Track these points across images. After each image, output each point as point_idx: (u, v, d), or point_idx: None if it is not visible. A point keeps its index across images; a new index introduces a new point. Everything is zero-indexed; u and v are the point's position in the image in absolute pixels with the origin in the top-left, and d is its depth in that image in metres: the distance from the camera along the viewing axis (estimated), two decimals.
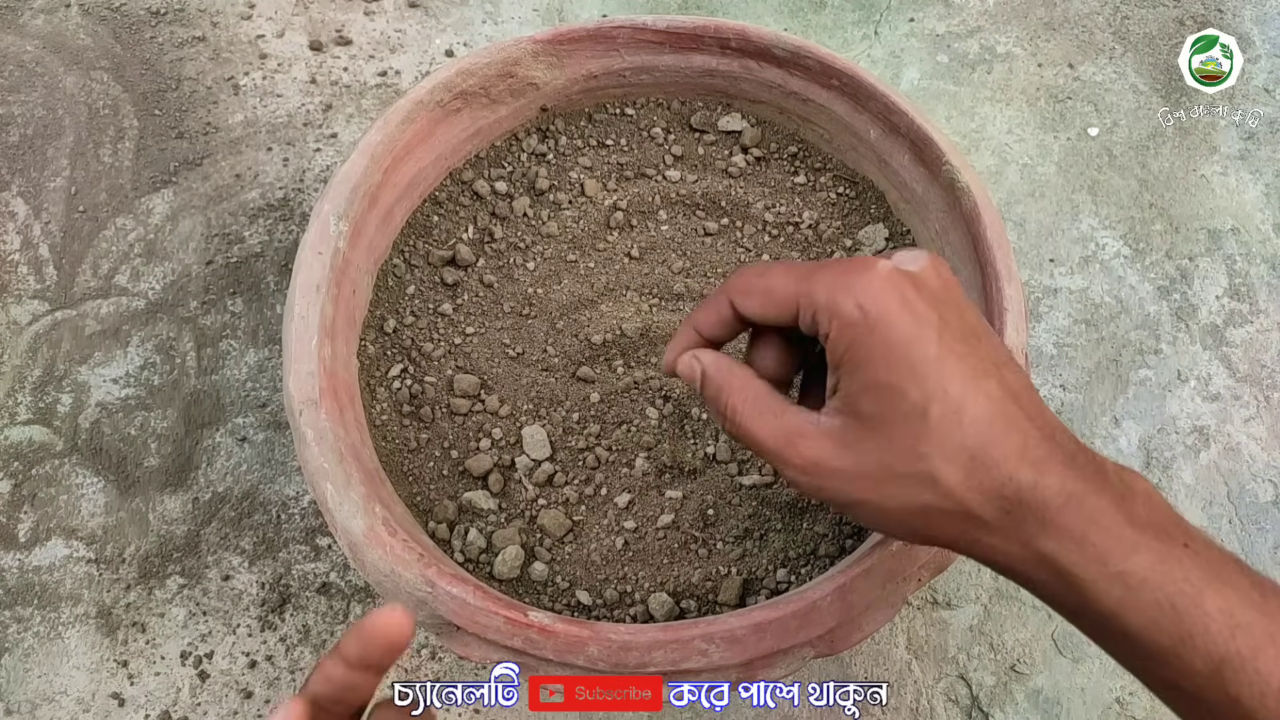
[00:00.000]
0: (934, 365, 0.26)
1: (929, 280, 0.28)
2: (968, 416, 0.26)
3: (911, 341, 0.26)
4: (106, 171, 0.63)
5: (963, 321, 0.28)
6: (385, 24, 0.71)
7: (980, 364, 0.27)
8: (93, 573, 0.51)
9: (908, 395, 0.26)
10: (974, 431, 0.26)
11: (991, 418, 0.26)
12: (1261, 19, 0.76)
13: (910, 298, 0.27)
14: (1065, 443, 0.27)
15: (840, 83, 0.50)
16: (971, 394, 0.26)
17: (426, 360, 0.48)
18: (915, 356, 0.26)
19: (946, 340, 0.27)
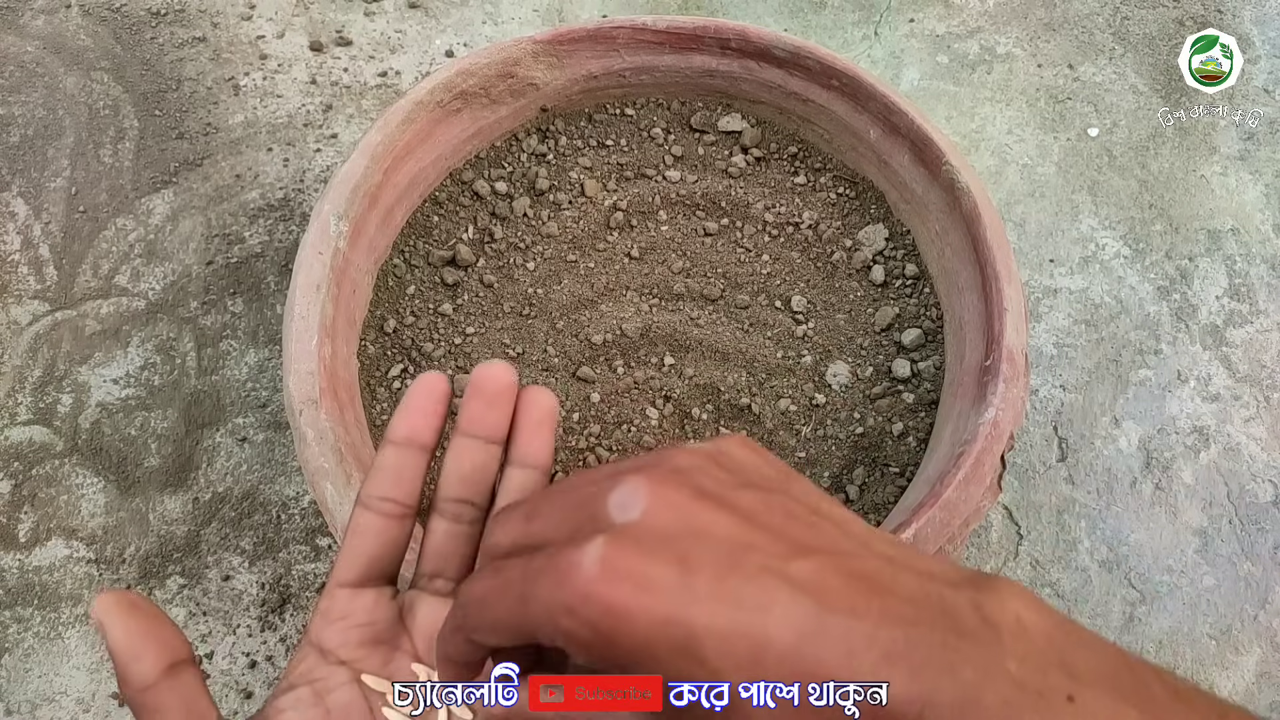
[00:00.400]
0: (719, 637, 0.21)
1: (657, 519, 0.22)
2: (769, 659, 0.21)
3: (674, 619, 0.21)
4: (107, 172, 0.63)
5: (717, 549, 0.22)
6: (385, 24, 0.71)
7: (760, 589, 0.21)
8: (93, 573, 0.51)
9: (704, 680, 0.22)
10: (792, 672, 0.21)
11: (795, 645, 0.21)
12: (1261, 19, 0.76)
13: (642, 570, 0.21)
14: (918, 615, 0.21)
15: (840, 83, 0.50)
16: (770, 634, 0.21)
17: (426, 360, 0.48)
18: (683, 636, 0.21)
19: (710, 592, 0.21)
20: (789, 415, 0.48)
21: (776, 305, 0.51)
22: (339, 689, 0.25)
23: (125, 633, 0.23)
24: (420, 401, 0.26)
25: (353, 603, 0.26)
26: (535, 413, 0.27)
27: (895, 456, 0.46)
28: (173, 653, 0.24)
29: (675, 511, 0.22)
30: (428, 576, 0.27)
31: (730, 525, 0.22)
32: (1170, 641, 0.53)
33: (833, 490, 0.45)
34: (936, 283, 0.50)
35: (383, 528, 0.26)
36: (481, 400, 0.26)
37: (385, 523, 0.26)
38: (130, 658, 0.23)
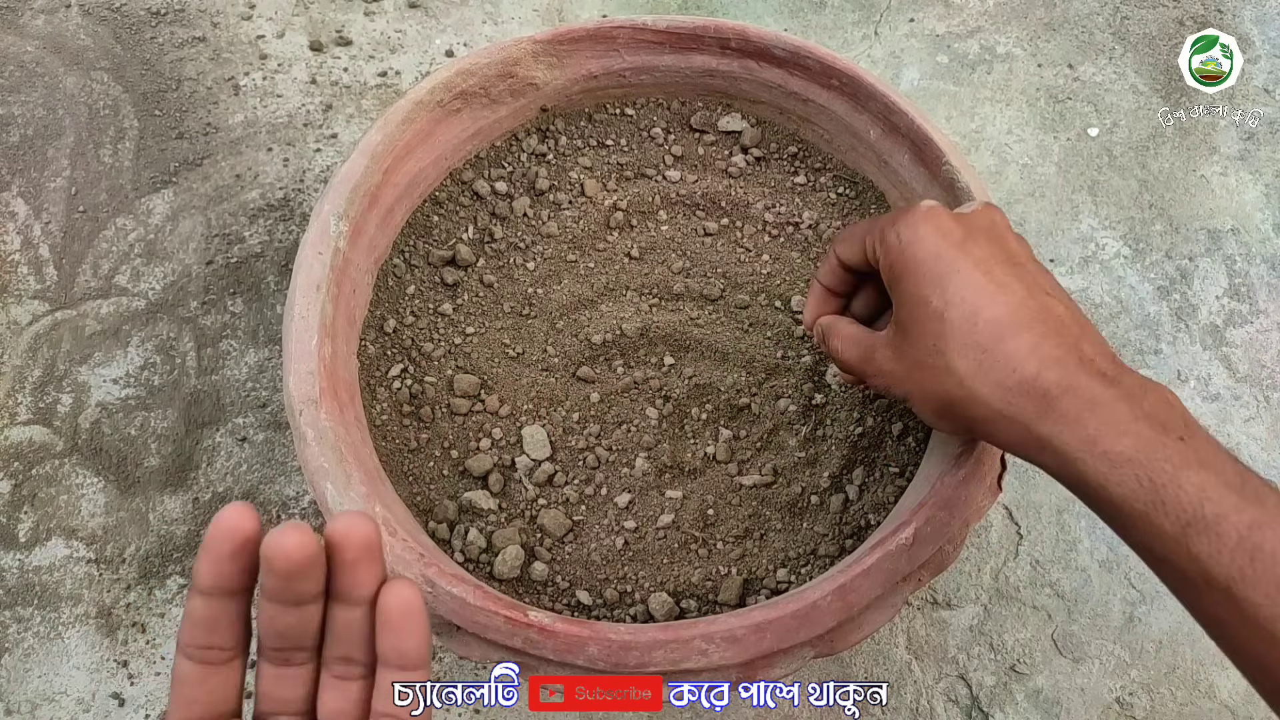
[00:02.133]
0: (954, 277, 0.31)
1: (975, 218, 0.34)
2: (983, 318, 0.31)
3: (936, 258, 0.32)
4: (107, 171, 0.63)
5: (1001, 249, 0.33)
6: (385, 24, 0.71)
7: (1009, 281, 0.31)
8: (93, 573, 0.51)
9: (930, 302, 0.32)
10: (987, 331, 0.30)
11: (1006, 321, 0.30)
12: (1261, 19, 0.76)
13: (944, 227, 0.33)
14: (1089, 353, 0.30)
15: (840, 83, 0.50)
16: (988, 301, 0.31)
17: (426, 360, 0.48)
18: (939, 270, 0.32)
19: (972, 258, 0.32)
20: (788, 415, 0.48)
21: (776, 305, 0.51)
22: None
23: None
24: (222, 547, 0.23)
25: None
26: (348, 553, 0.24)
27: (895, 456, 0.46)
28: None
29: (994, 223, 0.34)
30: (268, 716, 0.25)
31: (1022, 250, 0.34)
32: (1170, 641, 0.53)
33: (832, 490, 0.45)
34: None
35: (206, 675, 0.24)
36: (279, 578, 0.23)
37: (208, 670, 0.24)
38: None
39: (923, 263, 0.33)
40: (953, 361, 0.31)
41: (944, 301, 0.32)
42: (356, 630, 0.24)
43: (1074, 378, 0.29)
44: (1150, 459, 0.28)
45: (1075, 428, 0.29)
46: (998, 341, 0.30)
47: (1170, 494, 0.27)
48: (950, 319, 0.31)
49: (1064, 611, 0.53)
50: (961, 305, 0.31)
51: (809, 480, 0.46)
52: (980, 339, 0.31)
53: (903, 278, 0.33)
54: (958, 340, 0.31)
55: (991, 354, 0.30)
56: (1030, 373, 0.30)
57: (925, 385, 0.33)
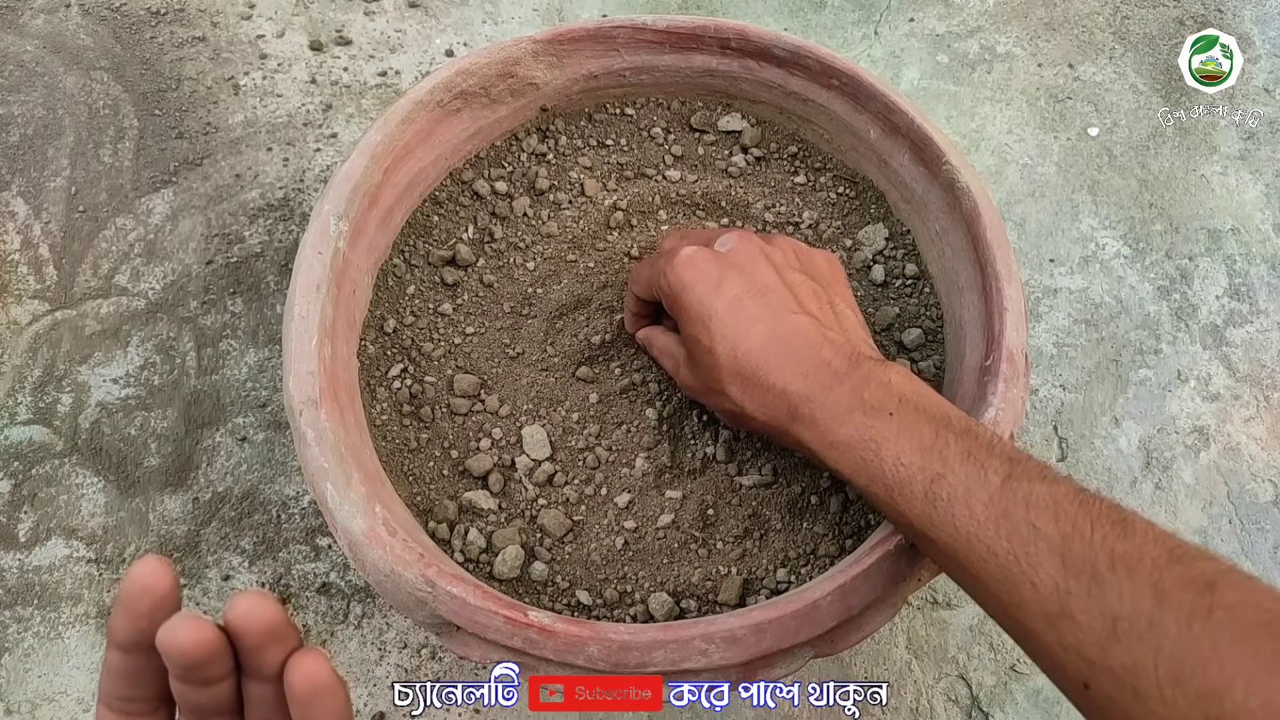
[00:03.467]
0: (714, 320, 0.38)
1: (731, 255, 0.40)
2: (740, 351, 0.37)
3: (699, 302, 0.39)
4: (106, 171, 0.63)
5: (750, 282, 0.39)
6: (385, 24, 0.71)
7: (758, 313, 0.38)
8: (93, 573, 0.51)
9: (700, 341, 0.39)
10: (746, 362, 0.37)
11: (758, 351, 0.37)
12: (1261, 19, 0.76)
13: (703, 271, 0.39)
14: (827, 356, 0.36)
15: (840, 83, 0.50)
16: (744, 335, 0.37)
17: (426, 360, 0.48)
18: (702, 313, 0.38)
19: (726, 298, 0.38)
20: None
21: None
22: None
23: None
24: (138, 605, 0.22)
25: None
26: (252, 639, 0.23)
27: None
28: None
29: (746, 255, 0.40)
30: None
31: (774, 281, 0.40)
32: None
33: (832, 490, 0.45)
34: (936, 282, 0.50)
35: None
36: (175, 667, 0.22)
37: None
38: None
39: (689, 307, 0.39)
40: (727, 387, 0.38)
41: (710, 340, 0.38)
42: (272, 701, 0.24)
43: (810, 385, 0.36)
44: (860, 440, 0.34)
45: (811, 427, 0.35)
46: (754, 370, 0.37)
47: (875, 468, 0.33)
48: (718, 353, 0.38)
49: None
50: (723, 342, 0.38)
51: (809, 480, 0.46)
52: (741, 369, 0.37)
53: (678, 318, 0.40)
54: (726, 371, 0.38)
55: (751, 380, 0.37)
56: (779, 389, 0.36)
57: (713, 401, 0.40)
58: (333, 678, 0.23)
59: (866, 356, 0.37)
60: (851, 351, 0.37)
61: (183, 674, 0.22)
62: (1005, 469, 0.31)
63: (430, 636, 0.50)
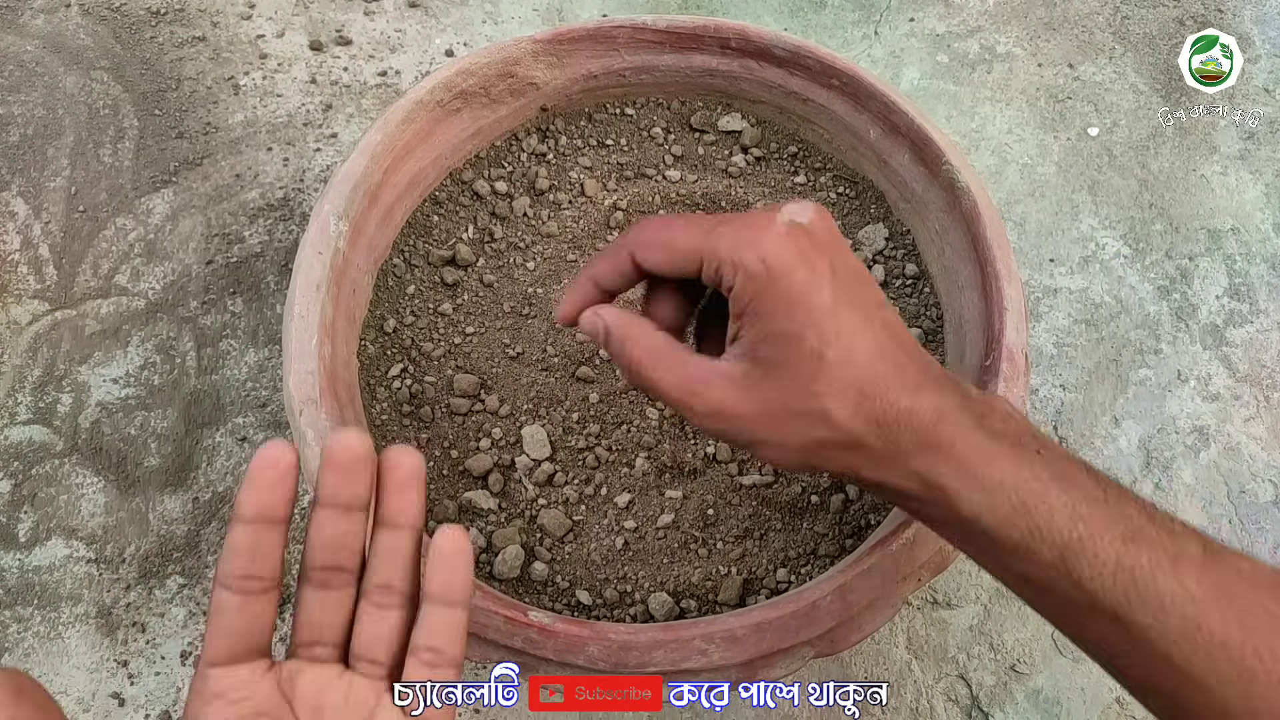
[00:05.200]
0: (829, 313, 0.29)
1: (818, 231, 0.31)
2: (857, 356, 0.29)
3: (810, 292, 0.29)
4: (106, 171, 0.63)
5: (848, 269, 0.30)
6: (385, 24, 0.71)
7: (866, 308, 0.30)
8: (93, 573, 0.51)
9: (806, 340, 0.29)
10: (862, 368, 0.29)
11: (877, 354, 0.29)
12: (1261, 19, 0.76)
13: (806, 250, 0.30)
14: (934, 371, 0.30)
15: (840, 83, 0.50)
16: (860, 336, 0.29)
17: (426, 360, 0.48)
18: (813, 306, 0.29)
19: (838, 289, 0.29)
20: None
21: None
22: None
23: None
24: (265, 475, 0.25)
25: (226, 680, 0.26)
26: (399, 475, 0.26)
27: None
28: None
29: (832, 234, 0.31)
30: (305, 645, 0.27)
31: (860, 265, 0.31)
32: None
33: (832, 490, 0.45)
34: (936, 282, 0.50)
35: (244, 605, 0.26)
36: (336, 472, 0.26)
37: (246, 600, 0.26)
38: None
39: (795, 298, 0.29)
40: (829, 404, 0.29)
41: (821, 340, 0.29)
42: (399, 557, 0.26)
43: (939, 403, 0.29)
44: (1019, 481, 0.27)
45: (949, 459, 0.28)
46: (872, 379, 0.29)
47: (1044, 518, 0.26)
48: (829, 359, 0.29)
49: None
50: (838, 344, 0.29)
51: (809, 480, 0.46)
52: (860, 380, 0.29)
53: (770, 311, 0.29)
54: (837, 382, 0.29)
55: (870, 395, 0.29)
56: (905, 406, 0.28)
57: (792, 430, 0.29)
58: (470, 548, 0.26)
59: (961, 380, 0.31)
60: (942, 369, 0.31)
61: (338, 483, 0.25)
62: (1197, 536, 0.26)
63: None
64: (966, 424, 0.28)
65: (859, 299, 0.30)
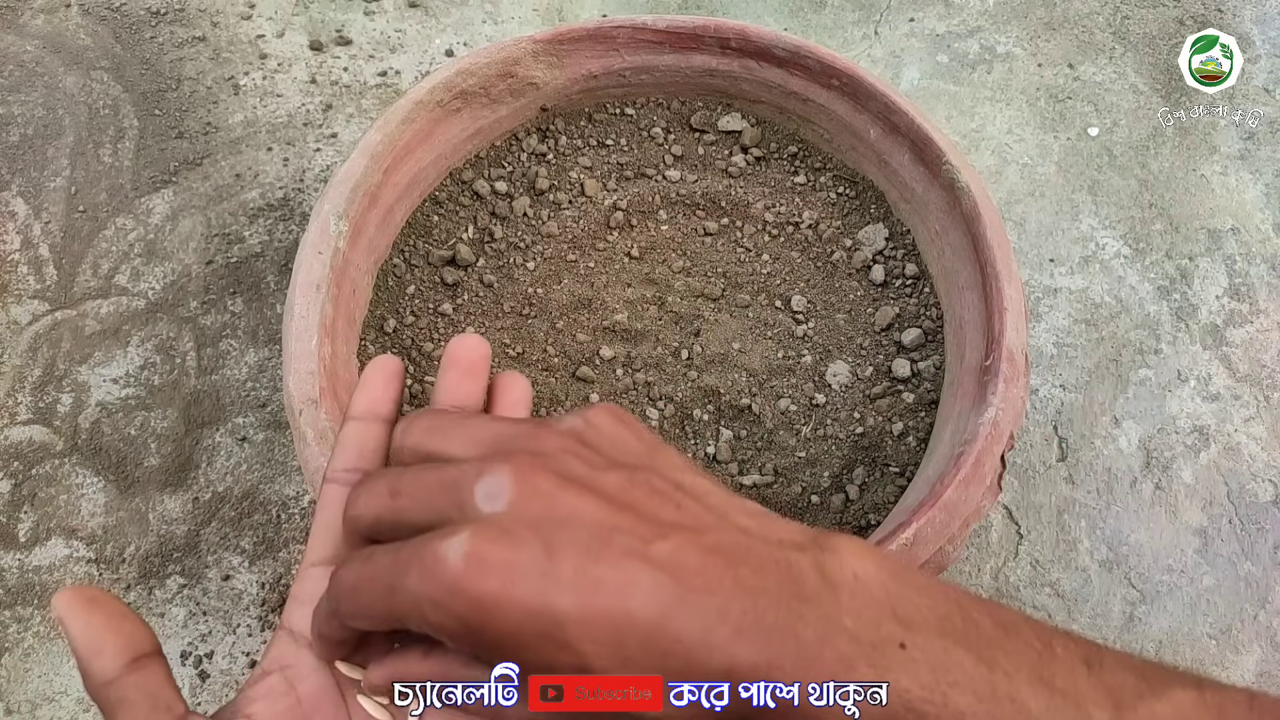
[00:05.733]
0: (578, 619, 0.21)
1: (519, 502, 0.22)
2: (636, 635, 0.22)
3: (542, 606, 0.21)
4: (106, 171, 0.63)
5: (578, 531, 0.22)
6: (385, 24, 0.71)
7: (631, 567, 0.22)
8: (93, 573, 0.51)
9: (564, 661, 0.22)
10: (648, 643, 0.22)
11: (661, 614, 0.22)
12: (1261, 19, 0.76)
13: (510, 554, 0.21)
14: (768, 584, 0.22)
15: (840, 82, 0.50)
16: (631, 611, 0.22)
17: (426, 360, 0.48)
18: (553, 620, 0.21)
19: (573, 575, 0.21)
20: (789, 415, 0.48)
21: (776, 305, 0.51)
22: (310, 675, 0.25)
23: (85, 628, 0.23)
24: (377, 378, 0.28)
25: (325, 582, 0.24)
26: (513, 394, 0.28)
27: (895, 456, 0.46)
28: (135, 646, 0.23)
29: (541, 500, 0.22)
30: None
31: (595, 509, 0.22)
32: (1170, 641, 0.53)
33: (832, 490, 0.45)
34: (936, 282, 0.50)
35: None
36: (457, 370, 0.28)
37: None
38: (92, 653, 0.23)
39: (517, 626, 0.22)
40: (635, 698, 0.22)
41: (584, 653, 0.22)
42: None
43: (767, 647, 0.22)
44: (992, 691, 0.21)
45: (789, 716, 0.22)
46: (668, 652, 0.22)
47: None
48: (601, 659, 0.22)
49: (1064, 611, 0.53)
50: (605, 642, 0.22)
51: (809, 480, 0.46)
52: (650, 654, 0.22)
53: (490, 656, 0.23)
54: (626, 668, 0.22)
55: (669, 668, 0.22)
56: (721, 667, 0.22)
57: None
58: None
59: (788, 545, 0.23)
60: (770, 555, 0.22)
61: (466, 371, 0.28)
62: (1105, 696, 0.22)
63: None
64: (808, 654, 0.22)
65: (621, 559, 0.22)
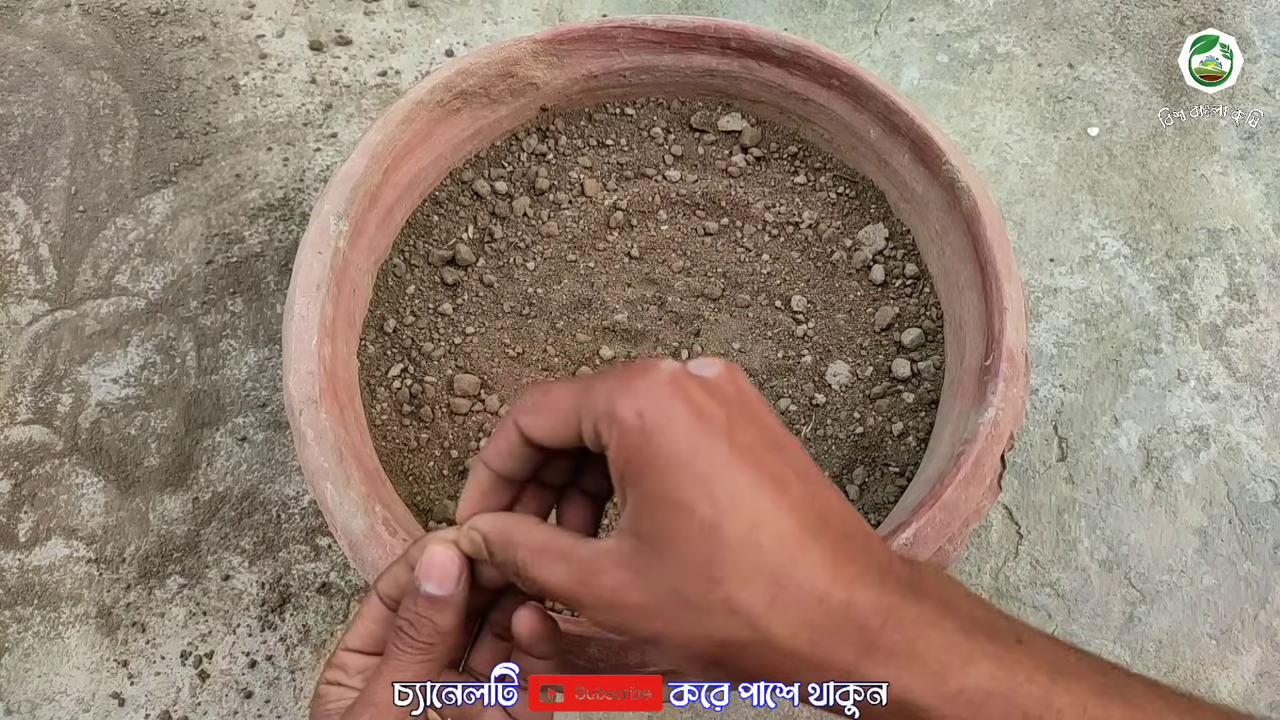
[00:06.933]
0: (724, 476, 0.23)
1: (723, 386, 0.25)
2: (767, 533, 0.23)
3: (698, 450, 0.23)
4: (106, 171, 0.63)
5: (760, 432, 0.25)
6: (385, 24, 0.71)
7: (780, 478, 0.24)
8: (93, 572, 0.51)
9: (695, 510, 0.23)
10: (773, 551, 0.23)
11: (796, 534, 0.23)
12: (1261, 19, 0.76)
13: (698, 401, 0.24)
14: (879, 553, 0.24)
15: (840, 82, 0.50)
16: (770, 511, 0.23)
17: (426, 360, 0.48)
18: (702, 467, 0.23)
19: (738, 452, 0.23)
20: (789, 415, 0.48)
21: (776, 305, 0.51)
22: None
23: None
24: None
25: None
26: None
27: (895, 456, 0.46)
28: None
29: (737, 387, 0.25)
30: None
31: (778, 426, 0.26)
32: (1170, 641, 0.53)
33: None
34: (936, 282, 0.50)
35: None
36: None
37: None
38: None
39: (678, 455, 0.23)
40: (734, 594, 0.22)
41: (715, 511, 0.23)
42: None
43: (889, 596, 0.23)
44: (1012, 685, 0.22)
45: (910, 662, 0.22)
46: (791, 565, 0.23)
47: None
48: (727, 537, 0.23)
49: (1064, 611, 0.53)
50: (737, 518, 0.23)
51: None
52: (769, 562, 0.23)
53: (648, 473, 0.24)
54: (741, 564, 0.22)
55: (787, 582, 0.23)
56: (840, 600, 0.23)
57: (692, 625, 0.23)
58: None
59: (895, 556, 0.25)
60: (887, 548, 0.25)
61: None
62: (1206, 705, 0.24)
63: None
64: (927, 619, 0.23)
65: (771, 467, 0.24)
